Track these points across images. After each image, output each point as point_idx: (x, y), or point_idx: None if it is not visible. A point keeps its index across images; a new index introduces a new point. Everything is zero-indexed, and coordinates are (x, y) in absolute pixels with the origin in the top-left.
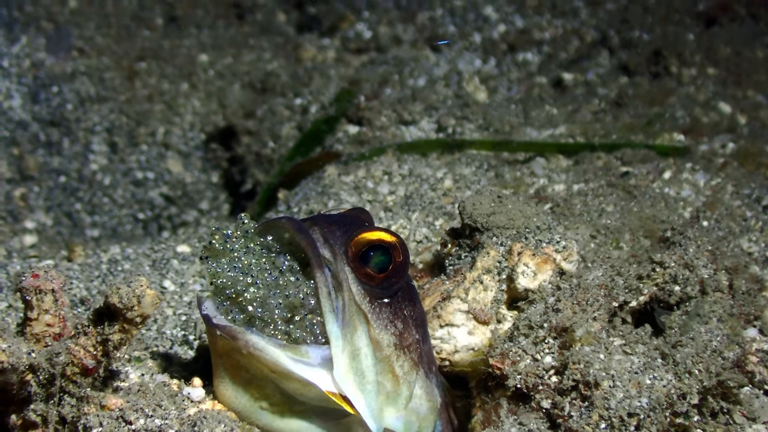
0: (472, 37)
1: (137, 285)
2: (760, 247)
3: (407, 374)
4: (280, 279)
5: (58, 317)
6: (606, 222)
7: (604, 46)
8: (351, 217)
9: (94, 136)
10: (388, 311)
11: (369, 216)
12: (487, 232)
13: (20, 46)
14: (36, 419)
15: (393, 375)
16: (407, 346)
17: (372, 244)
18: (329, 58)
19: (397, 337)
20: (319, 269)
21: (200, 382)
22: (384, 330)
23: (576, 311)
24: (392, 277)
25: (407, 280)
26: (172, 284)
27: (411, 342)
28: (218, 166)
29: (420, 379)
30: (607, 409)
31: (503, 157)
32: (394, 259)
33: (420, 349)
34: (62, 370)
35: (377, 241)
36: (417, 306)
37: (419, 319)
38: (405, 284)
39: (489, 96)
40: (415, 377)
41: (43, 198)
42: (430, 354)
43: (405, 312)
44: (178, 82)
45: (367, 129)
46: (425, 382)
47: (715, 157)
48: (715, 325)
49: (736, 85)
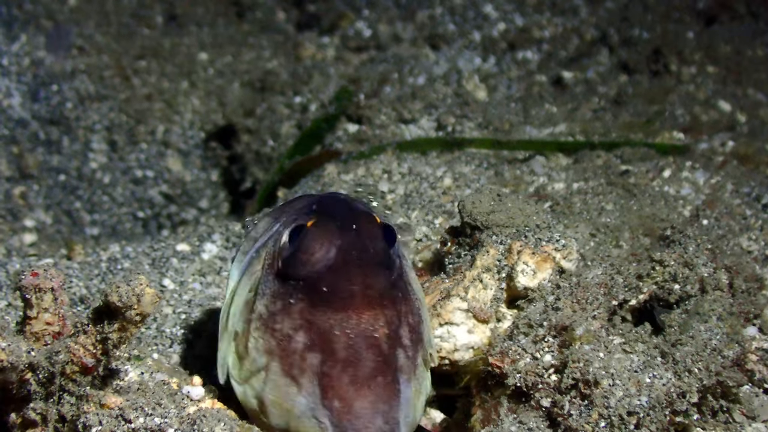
0: (472, 36)
1: (137, 283)
2: (759, 246)
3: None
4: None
5: (58, 316)
6: (606, 220)
7: (603, 44)
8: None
9: (93, 135)
10: (277, 287)
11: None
12: (487, 231)
13: (20, 44)
14: (35, 418)
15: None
16: (275, 329)
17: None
18: (329, 56)
19: (267, 312)
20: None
21: (200, 381)
22: (262, 297)
23: (576, 310)
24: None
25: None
26: (172, 283)
27: (282, 332)
28: (218, 164)
29: (275, 373)
30: (606, 408)
31: (503, 155)
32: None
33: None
34: (62, 368)
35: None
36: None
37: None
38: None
39: (489, 94)
40: (266, 364)
41: (43, 196)
42: (322, 373)
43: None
44: (177, 80)
45: (366, 127)
46: (281, 380)
47: (714, 156)
48: (715, 324)
49: (735, 83)
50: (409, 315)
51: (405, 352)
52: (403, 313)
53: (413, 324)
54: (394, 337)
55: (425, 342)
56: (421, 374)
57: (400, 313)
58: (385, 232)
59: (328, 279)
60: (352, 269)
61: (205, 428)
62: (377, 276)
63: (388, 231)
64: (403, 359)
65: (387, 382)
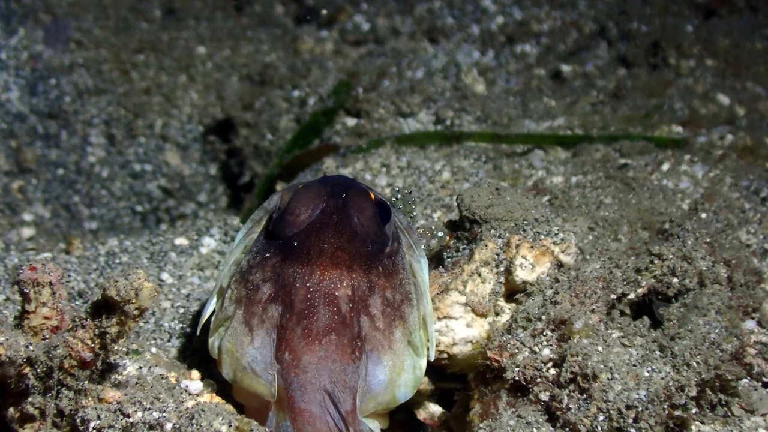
0: (471, 29)
1: (135, 278)
2: (758, 239)
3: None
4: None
5: (56, 310)
6: (604, 214)
7: (602, 37)
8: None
9: (92, 129)
10: (261, 244)
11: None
12: (485, 225)
13: (18, 38)
14: (34, 412)
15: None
16: (248, 280)
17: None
18: (327, 50)
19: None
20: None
21: (198, 375)
22: (248, 254)
23: (574, 303)
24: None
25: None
26: (170, 277)
27: (252, 283)
28: (216, 158)
29: (237, 321)
30: (605, 402)
31: (501, 149)
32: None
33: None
34: (60, 362)
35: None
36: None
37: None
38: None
39: (487, 88)
40: (233, 313)
41: (41, 190)
42: (280, 326)
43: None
44: (176, 74)
45: (365, 121)
46: (240, 328)
47: (713, 149)
48: (714, 318)
49: (734, 76)
50: (388, 290)
51: (372, 323)
52: (379, 285)
53: (391, 300)
54: (358, 302)
55: (410, 324)
56: (401, 351)
57: (374, 283)
58: (379, 208)
59: (302, 236)
60: (328, 230)
61: (203, 422)
62: (352, 241)
63: (382, 208)
64: (368, 328)
65: (341, 342)
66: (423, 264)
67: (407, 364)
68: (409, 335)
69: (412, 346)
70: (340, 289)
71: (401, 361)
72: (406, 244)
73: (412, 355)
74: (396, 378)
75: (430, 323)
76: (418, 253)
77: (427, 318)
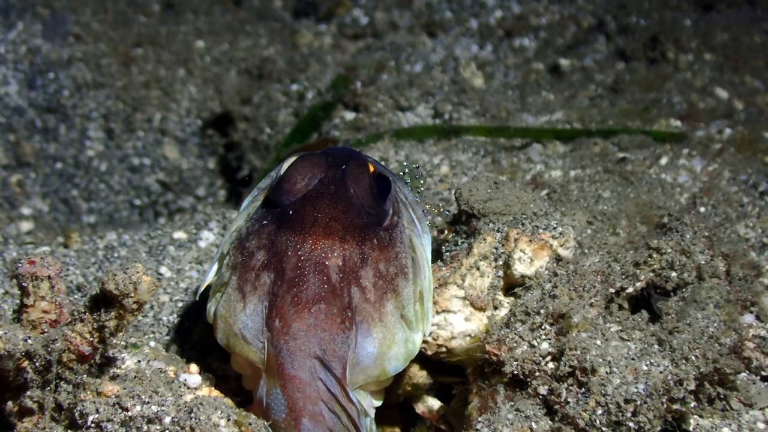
0: (469, 23)
1: (134, 271)
2: (756, 233)
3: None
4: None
5: (55, 304)
6: (603, 208)
7: (600, 31)
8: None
9: (90, 123)
10: (260, 212)
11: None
12: (484, 218)
13: (16, 32)
14: (32, 406)
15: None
16: (245, 247)
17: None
18: (326, 44)
19: (246, 233)
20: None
21: (197, 369)
22: (248, 221)
23: (573, 297)
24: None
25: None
26: (169, 270)
27: (248, 249)
28: (215, 152)
29: (231, 287)
30: (603, 396)
31: (500, 143)
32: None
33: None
34: (58, 356)
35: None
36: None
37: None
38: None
39: (486, 82)
40: (228, 278)
41: (40, 184)
42: (272, 293)
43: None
44: (174, 68)
45: (363, 115)
46: (233, 294)
47: (712, 143)
48: (712, 311)
49: (733, 70)
50: (381, 263)
51: (363, 294)
52: (372, 257)
53: (384, 272)
54: (349, 273)
55: (403, 298)
56: (392, 324)
57: (366, 255)
58: (378, 181)
59: (298, 204)
60: (323, 200)
61: (201, 416)
62: (347, 212)
63: (381, 181)
64: (358, 299)
65: (331, 312)
66: (425, 240)
67: (398, 338)
68: (402, 309)
69: (405, 320)
70: (331, 259)
71: (392, 334)
72: (407, 219)
73: (404, 329)
74: (386, 351)
75: (427, 298)
76: (421, 229)
77: (425, 293)
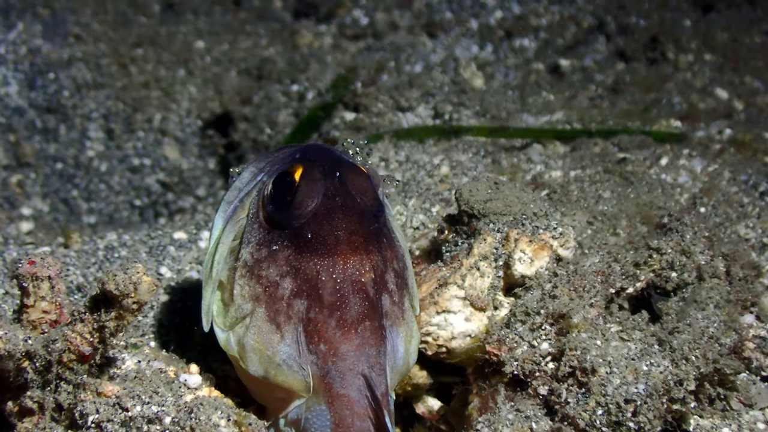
0: (469, 24)
1: (134, 272)
2: (756, 234)
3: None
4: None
5: (55, 304)
6: (603, 208)
7: (600, 32)
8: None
9: (90, 123)
10: (263, 235)
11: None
12: (484, 219)
13: (17, 32)
14: (32, 406)
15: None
16: (261, 276)
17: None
18: (326, 44)
19: (253, 259)
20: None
21: (197, 369)
22: (247, 245)
23: (573, 298)
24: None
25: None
26: (169, 271)
27: (268, 279)
28: (215, 152)
29: (260, 319)
30: (603, 396)
31: (500, 143)
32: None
33: (279, 294)
34: (59, 356)
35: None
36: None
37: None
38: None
39: (486, 82)
40: (251, 310)
41: (40, 184)
42: (308, 319)
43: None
44: (174, 68)
45: (363, 115)
46: (265, 326)
47: (712, 144)
48: (712, 312)
49: (733, 71)
50: (394, 260)
51: (390, 298)
52: (388, 258)
53: (398, 269)
54: (380, 282)
55: (410, 287)
56: (410, 319)
57: (386, 258)
58: (371, 180)
59: (313, 226)
60: (337, 215)
61: (202, 416)
62: (362, 222)
63: (373, 179)
64: (388, 305)
65: (374, 326)
66: (393, 214)
67: (414, 330)
68: (411, 299)
69: (413, 309)
70: (365, 274)
71: (411, 328)
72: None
73: (413, 319)
74: (409, 346)
75: (410, 276)
76: (389, 206)
77: (412, 273)
